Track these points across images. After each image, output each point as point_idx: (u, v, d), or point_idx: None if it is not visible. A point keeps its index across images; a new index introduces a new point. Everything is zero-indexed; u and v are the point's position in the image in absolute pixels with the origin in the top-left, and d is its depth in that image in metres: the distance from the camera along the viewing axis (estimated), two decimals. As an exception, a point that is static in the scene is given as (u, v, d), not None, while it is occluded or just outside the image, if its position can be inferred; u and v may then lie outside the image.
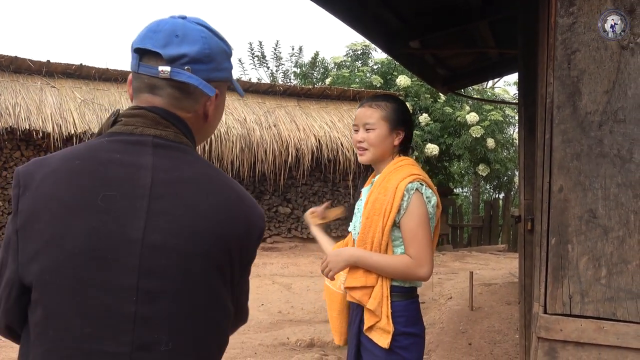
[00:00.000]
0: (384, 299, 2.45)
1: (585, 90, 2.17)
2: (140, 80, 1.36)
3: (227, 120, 12.23)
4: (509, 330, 5.94)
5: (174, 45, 1.32)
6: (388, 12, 4.83)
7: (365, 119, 2.59)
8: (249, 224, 1.37)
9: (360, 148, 2.60)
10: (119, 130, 1.32)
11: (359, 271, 2.50)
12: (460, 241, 16.86)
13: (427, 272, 2.46)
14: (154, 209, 1.24)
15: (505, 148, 15.72)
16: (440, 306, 7.48)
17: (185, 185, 1.29)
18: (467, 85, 9.55)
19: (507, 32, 5.59)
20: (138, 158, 1.28)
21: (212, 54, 1.37)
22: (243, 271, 1.39)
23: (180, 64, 1.32)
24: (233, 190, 1.37)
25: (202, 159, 1.38)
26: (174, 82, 1.33)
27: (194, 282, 1.26)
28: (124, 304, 1.20)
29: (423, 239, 2.44)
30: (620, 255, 2.14)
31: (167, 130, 1.33)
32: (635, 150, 2.12)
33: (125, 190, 1.24)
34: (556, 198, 2.21)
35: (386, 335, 2.44)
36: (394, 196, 2.43)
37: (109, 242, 1.21)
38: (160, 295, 1.22)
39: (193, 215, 1.27)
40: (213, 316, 1.31)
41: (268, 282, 9.33)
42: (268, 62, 21.26)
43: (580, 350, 2.18)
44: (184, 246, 1.24)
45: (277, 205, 13.33)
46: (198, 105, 1.39)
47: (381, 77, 15.48)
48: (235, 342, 5.81)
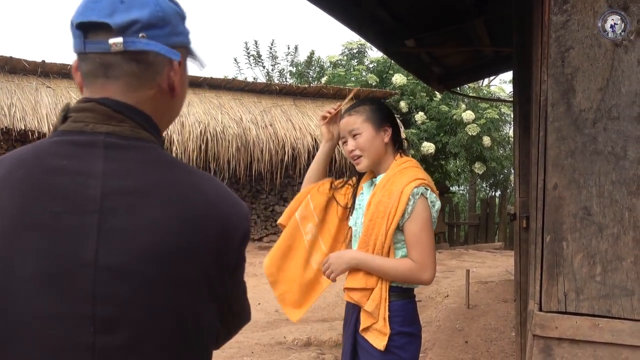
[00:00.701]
0: (382, 301, 2.45)
1: (579, 88, 2.17)
2: (90, 61, 1.17)
3: (222, 119, 12.24)
4: (505, 327, 5.95)
5: (122, 12, 1.13)
6: (383, 10, 4.83)
7: (349, 126, 2.61)
8: (226, 228, 1.20)
9: (354, 157, 2.60)
10: (68, 128, 1.15)
11: (359, 273, 2.50)
12: (457, 239, 16.89)
13: (430, 276, 2.46)
14: (106, 226, 1.08)
15: (501, 146, 15.76)
16: (437, 304, 7.49)
17: (141, 195, 1.11)
18: (462, 83, 9.55)
19: (502, 30, 5.60)
20: (87, 164, 1.11)
21: (166, 17, 1.18)
22: (229, 278, 1.24)
23: (133, 32, 1.13)
24: (202, 194, 1.18)
25: (166, 156, 1.19)
26: (130, 55, 1.15)
27: (157, 307, 1.10)
28: (81, 335, 1.06)
29: (426, 244, 2.45)
30: (614, 253, 2.14)
31: (122, 125, 1.15)
32: (629, 148, 2.12)
33: (73, 204, 1.08)
34: (551, 195, 2.21)
35: (382, 337, 2.44)
36: (399, 200, 2.43)
37: (60, 265, 1.06)
38: (119, 324, 1.07)
39: (153, 231, 1.10)
40: (187, 339, 1.15)
41: (265, 281, 9.27)
42: (264, 61, 21.26)
43: (575, 348, 2.18)
44: (143, 268, 1.08)
45: (274, 205, 13.34)
46: (161, 77, 1.20)
47: (377, 75, 15.51)
48: (232, 342, 5.81)
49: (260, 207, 13.22)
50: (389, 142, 2.61)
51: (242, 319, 1.40)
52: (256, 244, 12.88)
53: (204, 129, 11.99)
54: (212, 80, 13.04)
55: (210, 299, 1.19)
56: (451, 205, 17.18)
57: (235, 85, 13.37)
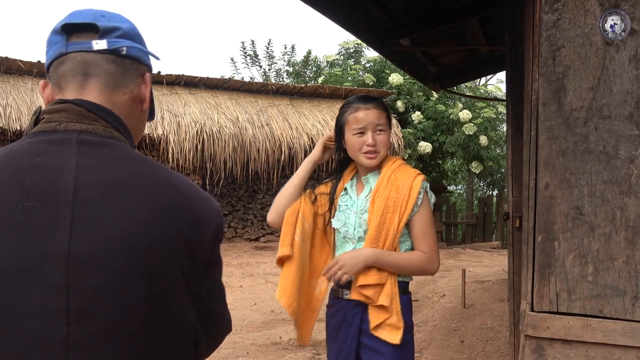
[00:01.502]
0: (394, 295, 2.49)
1: (570, 87, 2.16)
2: (70, 60, 1.22)
3: (219, 119, 12.22)
4: (501, 327, 5.94)
5: (104, 21, 1.23)
6: (377, 9, 4.83)
7: (375, 119, 2.56)
8: (197, 221, 1.21)
9: (371, 152, 2.55)
10: (41, 129, 1.18)
11: (372, 269, 2.48)
12: (454, 238, 16.89)
13: (437, 266, 2.58)
14: (78, 217, 1.09)
15: (498, 145, 15.76)
16: (433, 304, 7.48)
17: (113, 188, 1.14)
18: (459, 82, 9.57)
19: (497, 29, 5.59)
20: (60, 160, 1.14)
21: (139, 36, 1.30)
22: (203, 275, 1.24)
23: (116, 36, 1.23)
24: (173, 186, 1.21)
25: (137, 154, 1.23)
26: (110, 56, 1.23)
27: (130, 297, 1.11)
28: (54, 328, 1.07)
29: (433, 235, 2.55)
30: (606, 252, 2.13)
31: (95, 124, 1.19)
32: (620, 147, 2.11)
33: (46, 198, 1.10)
34: (542, 195, 2.20)
35: (397, 332, 2.46)
36: (409, 194, 2.49)
37: (32, 259, 1.07)
38: (93, 315, 1.08)
39: (124, 221, 1.12)
40: (161, 333, 1.16)
41: (261, 282, 9.32)
42: (260, 61, 21.24)
43: (567, 348, 2.17)
44: (115, 258, 1.10)
45: (271, 205, 13.30)
46: (135, 84, 1.28)
47: (374, 75, 15.50)
48: (228, 342, 5.79)
49: (257, 207, 13.21)
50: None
51: (224, 326, 1.40)
52: (253, 244, 12.87)
53: (201, 129, 11.97)
54: (208, 80, 13.04)
55: (186, 296, 1.20)
56: (448, 205, 17.17)
57: (232, 85, 13.36)
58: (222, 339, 1.42)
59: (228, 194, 12.93)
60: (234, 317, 7.77)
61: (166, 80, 12.61)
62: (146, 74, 1.31)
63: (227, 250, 12.10)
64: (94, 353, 1.09)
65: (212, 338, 1.36)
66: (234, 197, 13.02)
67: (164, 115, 11.91)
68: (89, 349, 1.09)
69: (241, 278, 9.58)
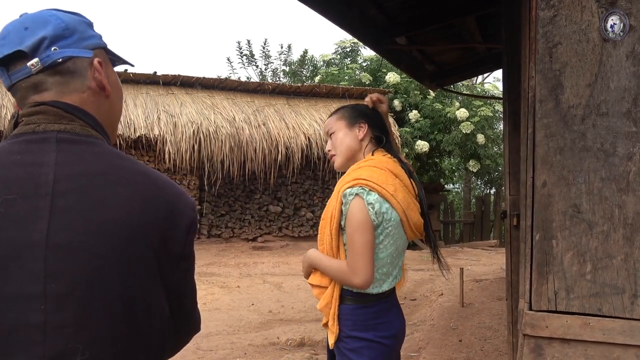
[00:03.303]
0: (332, 300, 2.45)
1: (567, 84, 2.15)
2: (19, 89, 1.28)
3: (215, 119, 12.21)
4: (500, 326, 5.93)
5: (29, 36, 1.24)
6: (373, 8, 4.81)
7: (326, 128, 2.66)
8: (172, 212, 1.26)
9: (331, 156, 2.65)
10: (20, 130, 1.24)
11: (317, 270, 2.53)
12: (452, 237, 16.91)
13: (361, 280, 2.35)
14: (57, 207, 1.15)
15: (495, 143, 15.77)
16: (431, 303, 7.47)
17: (91, 179, 1.19)
18: (455, 81, 9.55)
19: (494, 27, 5.58)
20: (40, 156, 1.19)
21: (69, 26, 1.29)
22: (175, 267, 1.28)
23: (45, 48, 1.25)
24: (150, 179, 1.26)
25: (115, 150, 1.29)
26: (50, 70, 1.26)
27: (107, 282, 1.15)
28: (32, 314, 1.10)
29: (357, 247, 2.34)
30: (605, 250, 2.12)
31: (73, 123, 1.25)
32: (618, 144, 2.10)
33: (26, 191, 1.15)
34: (540, 193, 2.18)
35: (331, 336, 2.46)
36: (337, 200, 2.41)
37: (10, 248, 1.11)
38: (70, 301, 1.12)
39: (101, 210, 1.17)
40: (137, 319, 1.19)
41: (259, 282, 9.30)
42: (257, 60, 21.26)
43: (566, 347, 2.15)
44: (92, 244, 1.14)
45: (268, 204, 13.31)
46: (88, 80, 1.30)
47: (370, 74, 15.50)
48: (225, 343, 5.78)
49: (254, 206, 13.19)
50: (365, 138, 2.56)
51: (192, 324, 1.42)
52: (250, 244, 12.85)
53: (197, 129, 11.95)
54: (204, 80, 13.03)
55: (160, 287, 1.24)
56: (446, 203, 17.19)
57: (228, 85, 13.34)
58: (189, 338, 1.45)
59: (225, 194, 12.91)
60: (232, 317, 7.79)
61: (162, 80, 12.59)
62: (94, 60, 1.31)
63: (225, 251, 12.09)
64: (71, 338, 1.12)
65: (180, 335, 1.39)
66: (231, 197, 13.00)
67: (160, 115, 11.88)
68: (67, 334, 1.12)
69: (239, 278, 9.56)
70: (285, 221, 13.47)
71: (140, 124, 11.55)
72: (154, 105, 12.10)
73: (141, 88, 12.31)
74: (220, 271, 10.12)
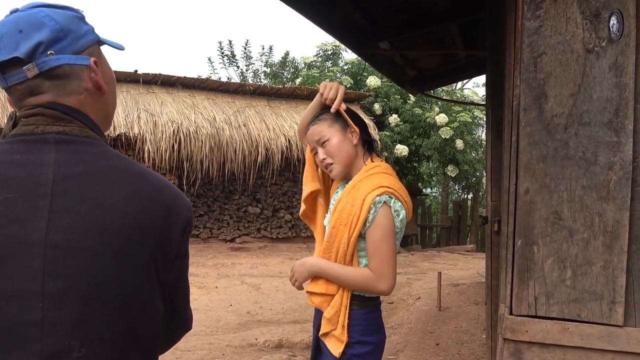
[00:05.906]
0: (342, 308, 2.42)
1: (551, 93, 2.18)
2: (16, 91, 1.28)
3: (196, 119, 12.16)
4: (476, 330, 5.99)
5: (24, 40, 1.24)
6: (357, 12, 4.84)
7: (316, 136, 2.53)
8: (169, 214, 1.28)
9: (327, 165, 2.53)
10: (19, 132, 1.25)
11: (321, 278, 2.47)
12: (429, 241, 16.99)
13: (387, 286, 2.38)
14: (56, 206, 1.16)
15: (473, 149, 15.90)
16: (409, 306, 7.51)
17: (90, 179, 1.21)
18: (436, 86, 9.62)
19: (477, 34, 5.64)
20: (39, 156, 1.21)
21: (64, 27, 1.28)
22: (171, 267, 1.30)
23: (41, 53, 1.25)
24: (147, 180, 1.29)
25: (113, 151, 1.31)
26: (46, 74, 1.26)
27: (104, 281, 1.17)
28: (29, 312, 1.12)
29: (386, 254, 2.36)
30: (585, 257, 2.16)
31: (71, 125, 1.27)
32: (600, 153, 2.14)
33: (26, 190, 1.17)
34: (522, 200, 2.22)
35: (339, 345, 2.41)
36: (360, 208, 2.36)
37: (9, 247, 1.13)
38: (68, 299, 1.14)
39: (100, 210, 1.19)
40: (133, 318, 1.21)
41: (237, 283, 9.28)
42: (238, 61, 21.19)
43: (545, 352, 2.19)
44: (91, 244, 1.16)
45: (247, 205, 13.28)
46: (84, 81, 1.31)
47: (351, 77, 15.55)
48: (203, 343, 5.76)
49: (233, 207, 13.16)
50: (359, 143, 2.54)
51: (184, 323, 1.45)
52: (228, 245, 12.82)
53: (177, 129, 11.90)
54: (185, 80, 12.96)
55: (156, 286, 1.26)
56: (423, 208, 17.27)
57: (209, 85, 13.29)
58: (180, 336, 1.47)
59: (204, 195, 12.86)
60: (210, 318, 7.74)
61: (143, 79, 12.51)
62: (90, 60, 1.31)
63: (203, 251, 12.04)
64: (68, 336, 1.14)
65: (172, 333, 1.41)
66: (210, 198, 12.96)
67: (140, 114, 11.81)
68: (64, 332, 1.13)
69: (217, 279, 9.53)
70: (263, 222, 13.46)
71: (120, 123, 11.47)
72: (134, 103, 12.02)
73: (121, 86, 12.22)
74: (198, 271, 10.08)
